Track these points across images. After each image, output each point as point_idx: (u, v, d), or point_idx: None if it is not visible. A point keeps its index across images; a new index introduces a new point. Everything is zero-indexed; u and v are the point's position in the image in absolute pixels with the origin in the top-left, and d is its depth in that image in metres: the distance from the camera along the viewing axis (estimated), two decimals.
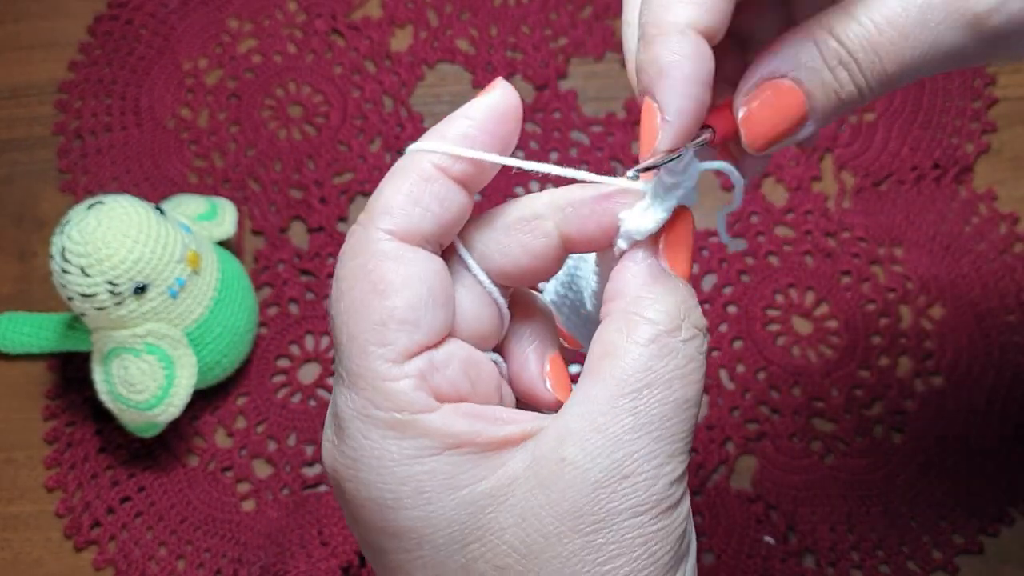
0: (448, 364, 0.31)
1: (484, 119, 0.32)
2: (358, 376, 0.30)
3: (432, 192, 0.31)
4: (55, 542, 0.59)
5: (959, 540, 0.56)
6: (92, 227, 0.53)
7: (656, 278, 0.31)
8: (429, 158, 0.31)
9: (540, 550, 0.28)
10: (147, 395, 0.55)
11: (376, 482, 0.29)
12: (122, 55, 0.71)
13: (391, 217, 0.30)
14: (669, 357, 0.30)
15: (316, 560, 0.56)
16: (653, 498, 0.29)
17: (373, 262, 0.30)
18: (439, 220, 0.31)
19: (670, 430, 0.29)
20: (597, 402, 0.29)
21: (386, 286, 0.30)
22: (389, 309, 0.29)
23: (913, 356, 0.61)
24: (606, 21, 0.70)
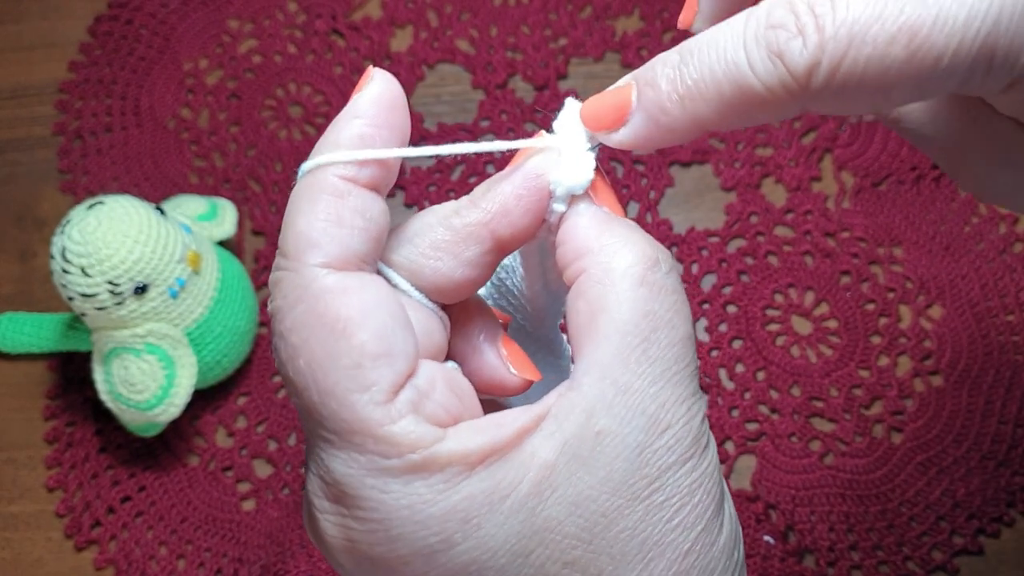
0: (433, 387, 0.28)
1: (375, 113, 0.29)
2: (351, 432, 0.27)
3: (351, 207, 0.28)
4: (56, 542, 0.59)
5: (958, 540, 0.56)
6: (92, 227, 0.53)
7: (612, 222, 0.30)
8: (333, 172, 0.28)
9: (603, 529, 0.27)
10: (147, 395, 0.55)
11: (416, 532, 0.27)
12: (122, 55, 0.71)
13: (319, 248, 0.27)
14: (661, 295, 0.29)
15: (316, 560, 0.56)
16: (694, 440, 0.28)
17: (322, 303, 0.27)
18: (368, 235, 0.28)
19: (686, 369, 0.29)
20: (610, 363, 0.28)
21: (345, 324, 0.27)
22: (359, 347, 0.27)
23: (913, 356, 0.61)
24: (606, 21, 0.70)
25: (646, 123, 0.29)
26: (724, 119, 0.28)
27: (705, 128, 0.28)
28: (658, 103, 0.28)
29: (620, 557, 0.27)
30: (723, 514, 0.29)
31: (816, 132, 0.66)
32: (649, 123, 0.29)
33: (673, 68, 0.28)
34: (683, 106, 0.28)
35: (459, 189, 0.66)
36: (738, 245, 0.64)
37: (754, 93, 0.27)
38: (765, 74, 0.26)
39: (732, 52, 0.27)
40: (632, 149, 0.30)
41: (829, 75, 0.26)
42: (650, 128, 0.29)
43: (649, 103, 0.29)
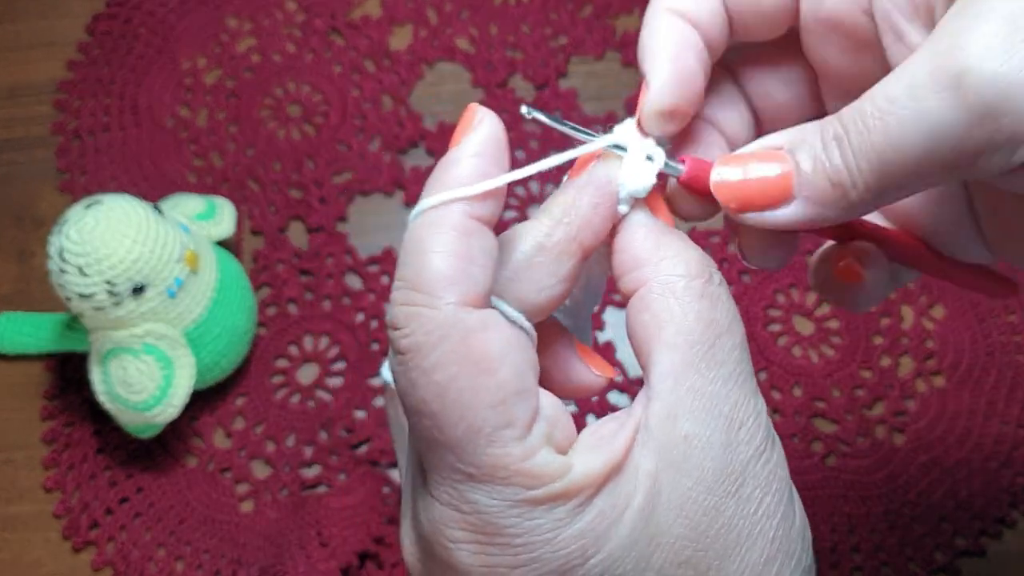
0: (557, 417, 0.30)
1: (492, 153, 0.30)
2: (495, 467, 0.28)
3: (479, 246, 0.29)
4: (53, 543, 0.59)
5: (961, 542, 0.56)
6: (90, 227, 0.53)
7: (668, 235, 0.31)
8: (460, 210, 0.29)
9: (707, 527, 0.29)
10: (145, 395, 0.55)
11: (556, 551, 0.28)
12: (121, 54, 0.71)
13: (457, 286, 0.28)
14: (719, 304, 0.30)
15: (315, 561, 0.56)
16: (764, 433, 0.30)
17: (467, 343, 0.28)
18: (492, 273, 0.29)
19: (747, 370, 0.31)
20: (683, 370, 0.30)
21: (490, 363, 0.28)
22: (501, 386, 0.28)
23: (915, 356, 0.60)
24: (606, 20, 0.70)
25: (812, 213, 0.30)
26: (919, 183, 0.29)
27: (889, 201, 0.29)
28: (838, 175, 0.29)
29: (723, 551, 0.29)
30: (794, 500, 0.31)
31: None
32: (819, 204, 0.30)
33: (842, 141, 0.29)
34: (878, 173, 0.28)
35: None
36: None
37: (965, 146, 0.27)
38: None
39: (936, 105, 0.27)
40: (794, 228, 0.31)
41: None
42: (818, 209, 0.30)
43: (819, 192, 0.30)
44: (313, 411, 0.61)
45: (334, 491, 0.58)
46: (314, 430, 0.61)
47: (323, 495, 0.58)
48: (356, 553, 0.56)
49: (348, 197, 0.66)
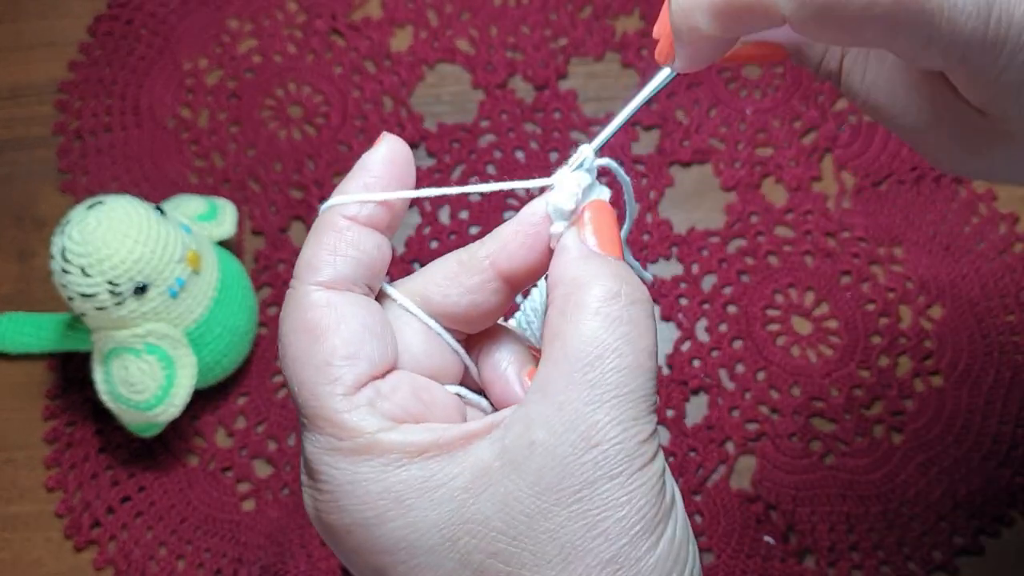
0: (396, 390, 0.33)
1: (380, 169, 0.35)
2: (316, 416, 0.32)
3: (347, 240, 0.33)
4: (55, 542, 0.59)
5: (959, 540, 0.56)
6: (92, 227, 0.53)
7: (587, 258, 0.33)
8: (340, 211, 0.34)
9: (527, 528, 0.30)
10: (147, 395, 0.55)
11: (356, 504, 0.31)
12: (122, 55, 0.71)
13: (316, 271, 0.33)
14: (615, 325, 0.31)
15: (316, 560, 0.56)
16: (625, 459, 0.30)
17: (308, 313, 0.33)
18: (359, 263, 0.33)
19: (630, 395, 0.31)
20: (554, 382, 0.31)
21: (322, 331, 0.32)
22: (329, 349, 0.32)
23: (913, 356, 0.61)
24: (606, 21, 0.70)
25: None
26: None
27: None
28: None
29: (540, 554, 0.30)
30: (661, 533, 0.31)
31: (816, 132, 0.66)
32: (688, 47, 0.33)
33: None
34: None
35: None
36: (738, 245, 0.64)
37: None
38: None
39: None
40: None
41: None
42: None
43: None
44: None
45: None
46: None
47: None
48: None
49: None
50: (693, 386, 0.60)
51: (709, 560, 0.57)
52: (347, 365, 0.32)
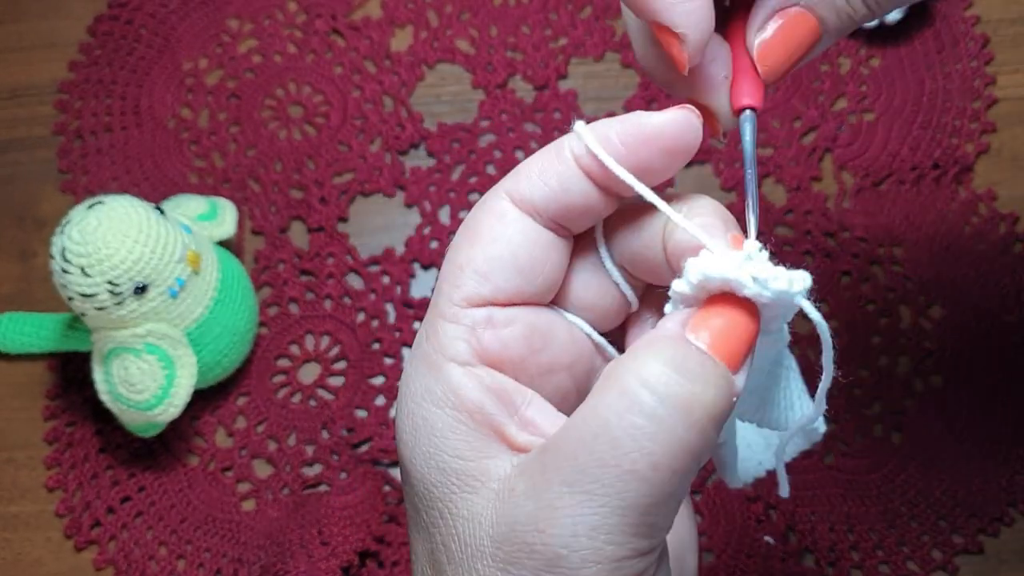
0: (508, 324, 0.31)
1: (635, 135, 0.31)
2: (433, 307, 0.32)
3: (557, 172, 0.31)
4: (55, 542, 0.59)
5: (959, 540, 0.56)
6: (92, 227, 0.53)
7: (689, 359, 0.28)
8: (568, 142, 0.32)
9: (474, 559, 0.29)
10: (147, 395, 0.55)
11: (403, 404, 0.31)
12: (122, 55, 0.71)
13: (516, 183, 0.32)
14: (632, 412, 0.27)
15: (316, 560, 0.56)
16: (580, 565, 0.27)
17: (482, 214, 0.32)
18: (555, 197, 0.31)
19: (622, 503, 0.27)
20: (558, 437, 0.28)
21: (476, 237, 0.31)
22: (469, 256, 0.31)
23: (913, 356, 0.61)
24: (606, 21, 0.70)
25: None
26: None
27: None
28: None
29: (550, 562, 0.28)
30: None
31: (816, 132, 0.66)
32: None
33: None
34: None
35: (459, 189, 0.66)
36: None
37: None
38: None
39: None
40: None
41: None
42: None
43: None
44: (314, 410, 0.61)
45: (335, 490, 0.58)
46: (315, 429, 0.61)
47: (324, 494, 0.58)
48: (357, 552, 0.56)
49: (349, 198, 0.66)
50: None
51: (709, 560, 0.57)
52: (475, 279, 0.31)
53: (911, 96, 0.66)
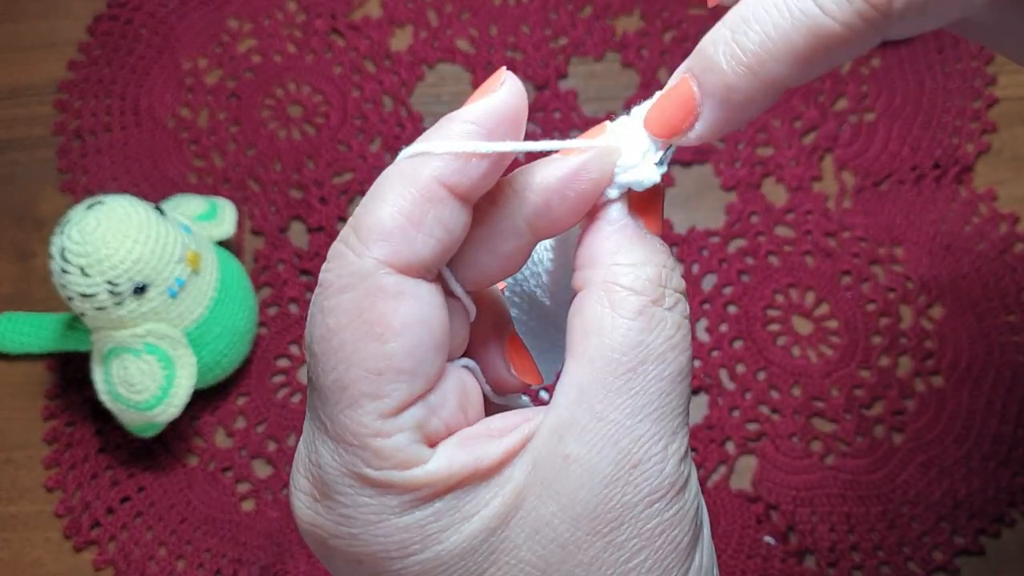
0: (443, 404, 0.28)
1: (491, 124, 0.28)
2: (346, 429, 0.26)
3: (436, 216, 0.27)
4: (55, 542, 0.59)
5: (959, 541, 0.56)
6: (92, 227, 0.53)
7: (633, 240, 0.29)
8: (432, 171, 0.27)
9: (560, 561, 0.27)
10: (147, 395, 0.55)
11: (376, 537, 0.27)
12: (122, 55, 0.71)
13: (389, 244, 0.26)
14: (659, 328, 0.27)
15: (316, 560, 0.56)
16: (666, 482, 0.27)
17: (370, 300, 0.26)
18: (443, 247, 0.27)
19: (670, 406, 0.27)
20: (591, 387, 0.27)
21: (385, 329, 0.26)
22: (387, 357, 0.26)
23: (913, 356, 0.61)
24: (606, 21, 0.70)
25: (719, 108, 0.27)
26: (802, 72, 0.27)
27: (782, 88, 0.27)
28: (725, 83, 0.27)
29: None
30: (691, 563, 0.28)
31: (817, 132, 0.66)
32: (723, 107, 0.27)
33: (727, 43, 0.27)
34: (754, 75, 0.26)
35: None
36: (739, 245, 0.64)
37: (832, 35, 0.26)
38: (841, 13, 0.25)
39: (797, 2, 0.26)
40: (712, 140, 0.29)
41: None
42: (725, 112, 0.27)
43: (714, 88, 0.27)
44: None
45: None
46: None
47: None
48: None
49: (349, 197, 0.66)
50: (693, 386, 0.60)
51: None
52: (402, 382, 0.26)
53: (911, 96, 0.66)
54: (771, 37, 0.26)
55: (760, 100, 0.27)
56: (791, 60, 0.26)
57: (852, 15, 0.25)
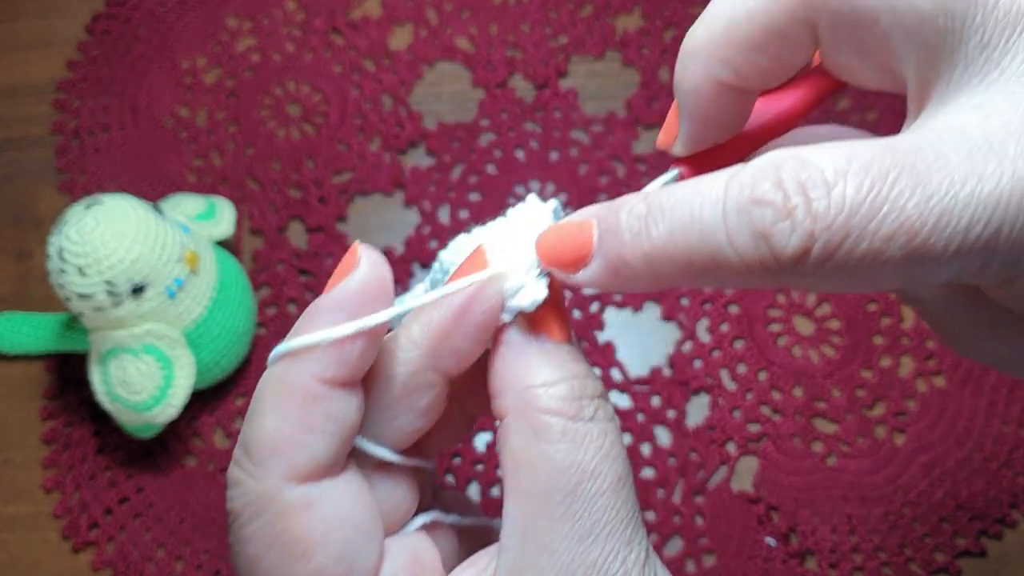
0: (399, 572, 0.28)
1: (357, 304, 0.27)
2: None
3: (324, 413, 0.26)
4: (53, 543, 0.59)
5: (961, 542, 0.56)
6: (90, 227, 0.53)
7: (539, 359, 0.28)
8: (308, 372, 0.26)
9: None
10: (145, 396, 0.55)
11: None
12: (120, 54, 0.71)
13: (283, 458, 0.26)
14: (585, 444, 0.27)
15: None
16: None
17: (282, 522, 0.26)
18: (340, 440, 0.27)
19: (618, 517, 0.27)
20: (534, 522, 0.26)
21: (306, 547, 0.26)
22: (317, 571, 0.26)
23: (915, 356, 0.60)
24: (606, 19, 0.70)
25: (606, 271, 0.27)
26: (690, 282, 0.26)
27: (667, 285, 0.27)
28: (620, 255, 0.26)
29: None
30: None
31: None
32: (609, 272, 0.27)
33: (639, 220, 0.26)
34: (647, 263, 0.26)
35: (458, 188, 0.66)
36: None
37: (729, 265, 0.25)
38: (745, 250, 0.24)
39: (709, 220, 0.24)
40: (594, 291, 0.29)
41: (816, 264, 0.24)
42: (610, 277, 0.27)
43: (611, 252, 0.27)
44: None
45: None
46: None
47: None
48: None
49: (348, 197, 0.66)
50: (694, 387, 0.60)
51: (710, 562, 0.57)
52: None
53: None
54: (675, 240, 0.25)
55: (645, 285, 0.27)
56: (684, 270, 0.25)
57: (755, 258, 0.24)
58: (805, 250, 0.23)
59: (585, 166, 0.66)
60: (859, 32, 0.27)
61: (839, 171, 0.23)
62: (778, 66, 0.29)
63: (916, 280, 0.24)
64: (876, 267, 0.23)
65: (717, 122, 0.30)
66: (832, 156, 0.24)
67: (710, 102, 0.29)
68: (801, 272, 0.24)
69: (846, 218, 0.23)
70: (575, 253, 0.27)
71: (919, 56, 0.26)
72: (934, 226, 0.23)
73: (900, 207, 0.23)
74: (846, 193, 0.23)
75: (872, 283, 0.24)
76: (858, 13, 0.27)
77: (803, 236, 0.23)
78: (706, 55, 0.28)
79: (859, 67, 0.29)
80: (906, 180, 0.23)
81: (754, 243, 0.24)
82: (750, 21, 0.28)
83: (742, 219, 0.24)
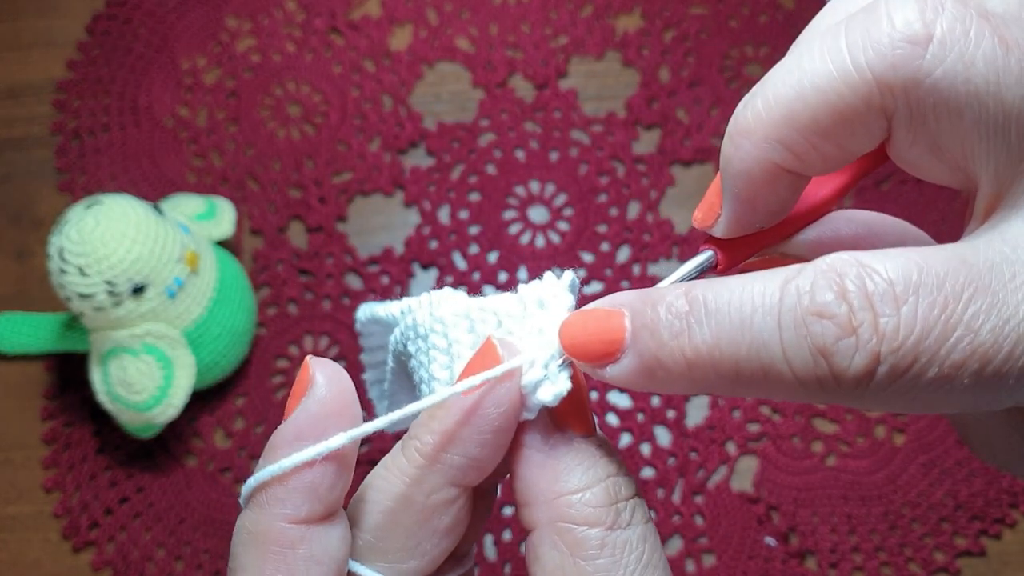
0: None
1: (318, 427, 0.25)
2: None
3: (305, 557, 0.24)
4: (53, 543, 0.59)
5: (961, 542, 0.56)
6: (90, 227, 0.53)
7: (569, 463, 0.26)
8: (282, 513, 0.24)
9: None
10: (145, 395, 0.55)
11: None
12: (120, 54, 0.71)
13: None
14: (626, 555, 0.25)
15: None
16: None
17: None
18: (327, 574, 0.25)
19: None
20: None
21: None
22: None
23: None
24: (606, 20, 0.70)
25: (640, 371, 0.24)
26: (731, 392, 0.24)
27: (706, 392, 0.24)
28: (657, 356, 0.24)
29: None
30: None
31: None
32: (643, 373, 0.24)
33: (680, 320, 0.24)
34: (687, 369, 0.24)
35: (458, 188, 0.66)
36: None
37: (781, 380, 0.23)
38: (801, 367, 0.22)
39: (761, 329, 0.22)
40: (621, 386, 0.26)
41: (879, 387, 0.22)
42: (643, 378, 0.25)
43: (646, 352, 0.24)
44: None
45: None
46: None
47: None
48: None
49: (348, 197, 0.66)
50: None
51: (710, 561, 0.57)
52: None
53: None
54: (721, 348, 0.23)
55: (680, 389, 0.24)
56: (728, 380, 0.23)
57: (811, 377, 0.22)
58: (869, 372, 0.21)
59: (585, 166, 0.66)
60: (939, 125, 0.24)
61: (909, 285, 0.21)
62: (841, 153, 0.26)
63: (980, 406, 0.22)
64: (942, 394, 0.21)
65: (766, 207, 0.27)
66: (901, 267, 0.22)
67: (761, 185, 0.26)
68: (860, 394, 0.22)
69: (916, 341, 0.21)
70: (605, 347, 0.25)
71: (999, 157, 0.24)
72: (1009, 353, 0.21)
73: (974, 331, 0.21)
74: (918, 312, 0.21)
75: (931, 407, 0.22)
76: (942, 106, 0.24)
77: (868, 357, 0.21)
78: (762, 135, 0.25)
79: (928, 162, 0.26)
80: (981, 301, 0.21)
81: (812, 360, 0.22)
82: (816, 103, 0.24)
83: (800, 332, 0.22)
